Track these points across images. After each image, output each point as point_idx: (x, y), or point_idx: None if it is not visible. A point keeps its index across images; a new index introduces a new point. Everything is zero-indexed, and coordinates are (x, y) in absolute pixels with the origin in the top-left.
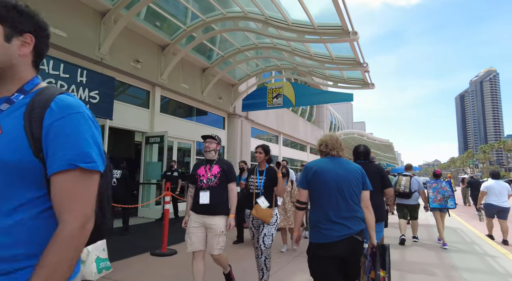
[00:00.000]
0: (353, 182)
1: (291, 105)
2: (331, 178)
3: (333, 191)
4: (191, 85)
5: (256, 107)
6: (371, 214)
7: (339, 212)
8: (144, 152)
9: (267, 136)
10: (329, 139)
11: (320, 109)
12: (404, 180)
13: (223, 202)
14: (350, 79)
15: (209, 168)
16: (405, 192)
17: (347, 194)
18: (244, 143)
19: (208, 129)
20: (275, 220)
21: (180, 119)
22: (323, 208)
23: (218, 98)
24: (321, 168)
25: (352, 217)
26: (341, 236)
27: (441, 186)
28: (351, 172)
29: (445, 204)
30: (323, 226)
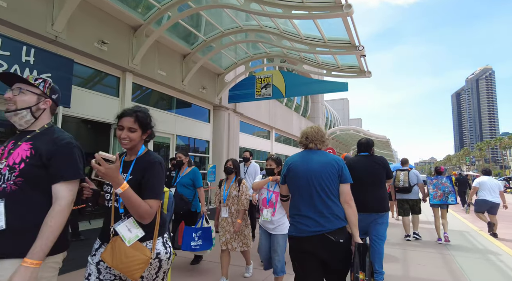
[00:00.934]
0: (325, 176)
1: (280, 95)
2: (302, 173)
3: (304, 186)
4: (169, 72)
5: (244, 98)
6: (352, 208)
7: (310, 207)
8: (113, 147)
9: (259, 132)
10: (310, 131)
11: (316, 104)
12: (403, 175)
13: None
14: (345, 67)
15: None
16: (405, 187)
17: (319, 188)
18: (232, 138)
19: (190, 122)
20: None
21: (156, 110)
22: (296, 203)
23: (202, 88)
24: (294, 163)
25: (326, 213)
26: (312, 232)
27: (441, 182)
28: (325, 165)
29: (446, 200)
30: (297, 220)
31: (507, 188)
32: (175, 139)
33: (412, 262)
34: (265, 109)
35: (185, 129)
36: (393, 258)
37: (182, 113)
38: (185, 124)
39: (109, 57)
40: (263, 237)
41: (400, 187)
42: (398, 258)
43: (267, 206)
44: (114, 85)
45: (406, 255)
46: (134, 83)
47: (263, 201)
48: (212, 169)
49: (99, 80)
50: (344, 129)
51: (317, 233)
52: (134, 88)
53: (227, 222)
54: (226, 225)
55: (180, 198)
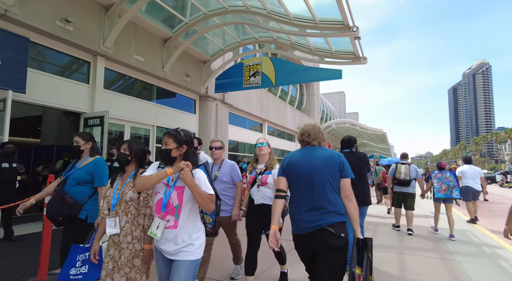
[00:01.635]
0: (327, 171)
1: (270, 84)
2: (303, 169)
3: (305, 182)
4: (148, 58)
5: (231, 87)
6: (353, 203)
7: (311, 202)
8: None
9: (251, 125)
10: (311, 128)
11: (311, 97)
12: (404, 168)
13: None
14: (339, 53)
15: None
16: (405, 180)
17: (320, 183)
18: (220, 131)
19: (173, 113)
20: None
21: (133, 99)
22: (296, 199)
23: (185, 76)
24: (294, 159)
25: (327, 209)
26: (313, 227)
27: (445, 177)
28: (326, 160)
29: (450, 194)
30: (297, 217)
31: (505, 183)
32: (155, 130)
33: (411, 272)
34: (257, 100)
35: (167, 120)
36: (389, 265)
37: (164, 103)
38: (168, 114)
39: (76, 38)
40: (161, 266)
41: (400, 179)
42: (394, 265)
43: (162, 213)
44: (83, 70)
45: (404, 262)
46: (107, 69)
47: (157, 206)
48: None
49: (66, 64)
50: (340, 122)
51: (317, 228)
52: (107, 74)
53: (113, 242)
54: (112, 246)
55: (61, 197)
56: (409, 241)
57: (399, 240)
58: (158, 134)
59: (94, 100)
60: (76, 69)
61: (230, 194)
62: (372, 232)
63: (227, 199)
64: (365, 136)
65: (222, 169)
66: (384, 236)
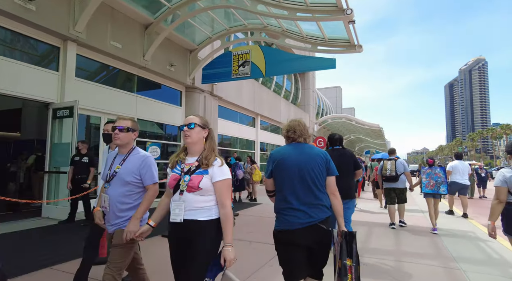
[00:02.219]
0: (315, 168)
1: (260, 74)
2: (293, 165)
3: (294, 178)
4: (126, 45)
5: (219, 77)
6: (338, 199)
7: (301, 199)
8: (51, 130)
9: (243, 119)
10: (297, 125)
11: (306, 91)
12: (389, 164)
13: None
14: (333, 40)
15: None
16: (392, 176)
17: (309, 180)
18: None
19: (156, 105)
20: None
21: (111, 89)
22: (285, 196)
23: (169, 65)
24: (283, 156)
25: (315, 204)
26: (303, 223)
27: (434, 172)
28: (314, 157)
29: (437, 190)
30: (286, 213)
31: None
32: None
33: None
34: (249, 93)
35: (150, 113)
36: (385, 276)
37: (146, 94)
38: (150, 106)
39: (40, 20)
40: None
41: (387, 175)
42: (392, 277)
43: None
44: (52, 56)
45: (403, 273)
46: (79, 56)
47: None
48: None
49: (31, 50)
50: (336, 117)
51: (309, 224)
52: (81, 61)
53: None
54: None
55: None
56: (407, 244)
57: (396, 244)
58: (140, 128)
59: (64, 89)
60: (44, 55)
61: (133, 202)
62: (366, 232)
63: (127, 209)
64: (362, 132)
65: (127, 163)
66: (379, 238)
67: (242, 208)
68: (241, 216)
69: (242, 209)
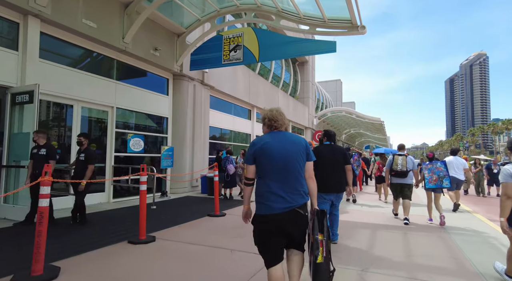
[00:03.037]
0: (297, 155)
1: (253, 59)
2: (276, 152)
3: (277, 165)
4: (102, 25)
5: (208, 63)
6: (314, 183)
7: (282, 185)
8: (10, 118)
9: (238, 112)
10: (279, 114)
11: (305, 83)
12: (401, 159)
13: None
14: (333, 21)
15: None
16: (402, 171)
17: (291, 166)
18: (199, 116)
19: (139, 93)
20: None
21: (85, 74)
22: (267, 181)
23: (154, 49)
24: (267, 143)
25: (295, 190)
26: (283, 208)
27: (436, 167)
28: (296, 144)
29: (441, 184)
30: (268, 198)
31: None
32: (114, 113)
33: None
34: (244, 84)
35: (132, 101)
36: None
37: (127, 81)
38: (132, 94)
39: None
40: None
41: (398, 170)
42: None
43: None
44: (10, 34)
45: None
46: (44, 34)
47: None
48: (168, 152)
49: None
50: (336, 110)
51: (288, 209)
52: (46, 41)
53: None
54: None
55: None
56: (419, 253)
57: (406, 252)
58: (119, 118)
59: (25, 71)
60: (0, 31)
61: None
62: (369, 236)
63: None
64: (362, 126)
65: None
66: (386, 244)
67: (232, 206)
68: (229, 216)
69: (231, 207)
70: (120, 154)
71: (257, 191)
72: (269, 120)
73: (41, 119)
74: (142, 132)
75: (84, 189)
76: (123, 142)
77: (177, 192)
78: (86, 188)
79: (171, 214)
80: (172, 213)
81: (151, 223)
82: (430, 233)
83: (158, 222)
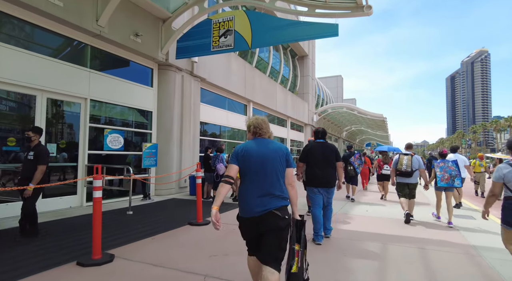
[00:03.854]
0: (276, 161)
1: (245, 46)
2: (256, 157)
3: (258, 170)
4: (70, 3)
5: (196, 51)
6: (294, 190)
7: (260, 188)
8: None
9: (233, 107)
10: (263, 123)
11: (305, 78)
12: (406, 159)
13: None
14: (334, 1)
15: None
16: (407, 171)
17: (269, 171)
18: (187, 110)
19: (118, 84)
20: None
21: (51, 60)
22: (248, 185)
23: (134, 35)
24: (249, 149)
25: (274, 194)
26: (261, 211)
27: (448, 166)
28: (276, 151)
29: (452, 183)
30: (248, 201)
31: None
32: (88, 105)
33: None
34: (239, 76)
35: (110, 93)
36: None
37: (105, 70)
38: (109, 85)
39: None
40: None
41: (402, 171)
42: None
43: None
44: None
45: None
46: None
47: None
48: (150, 150)
49: None
50: (337, 106)
51: (266, 211)
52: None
53: None
54: None
55: None
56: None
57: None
58: (94, 112)
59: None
60: None
61: None
62: (381, 254)
63: None
64: (363, 123)
65: None
66: (401, 266)
67: (220, 211)
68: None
69: (222, 212)
70: (95, 152)
71: (238, 193)
72: (254, 127)
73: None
74: (122, 127)
75: (34, 194)
76: (99, 139)
77: (163, 194)
78: (36, 193)
79: (147, 221)
80: (149, 220)
81: (118, 234)
82: (452, 248)
83: (127, 232)
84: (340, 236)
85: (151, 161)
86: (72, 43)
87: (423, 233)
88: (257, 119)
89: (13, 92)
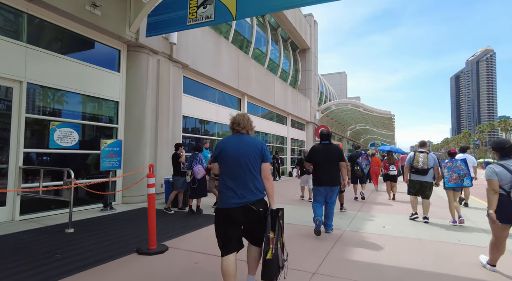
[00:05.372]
0: (251, 156)
1: (229, 17)
2: (233, 153)
3: (233, 164)
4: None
5: (169, 26)
6: (270, 183)
7: (235, 182)
8: None
9: (224, 100)
10: (241, 119)
11: (307, 72)
12: (422, 156)
13: None
14: None
15: None
16: (423, 169)
17: (244, 165)
18: (164, 102)
19: (71, 66)
20: None
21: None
22: (225, 179)
23: (91, 5)
24: (226, 145)
25: (247, 188)
26: (237, 203)
27: (456, 165)
28: (251, 146)
29: (461, 183)
30: (224, 193)
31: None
32: (24, 89)
33: None
34: (231, 65)
35: (56, 76)
36: None
37: (49, 47)
38: (57, 66)
39: None
40: None
41: (418, 168)
42: None
43: None
44: None
45: None
46: None
47: None
48: (112, 148)
49: None
50: (341, 103)
51: (241, 204)
52: None
53: None
54: None
55: None
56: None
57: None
58: (36, 99)
59: None
60: None
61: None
62: None
63: None
64: (369, 121)
65: None
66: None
67: (191, 228)
68: (170, 255)
69: (189, 231)
70: (35, 150)
71: (218, 187)
72: (232, 124)
73: None
74: (76, 120)
75: None
76: (43, 134)
77: (134, 202)
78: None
79: (83, 245)
80: (87, 243)
81: (28, 271)
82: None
83: (40, 268)
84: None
85: (112, 162)
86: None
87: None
88: (237, 115)
89: None
